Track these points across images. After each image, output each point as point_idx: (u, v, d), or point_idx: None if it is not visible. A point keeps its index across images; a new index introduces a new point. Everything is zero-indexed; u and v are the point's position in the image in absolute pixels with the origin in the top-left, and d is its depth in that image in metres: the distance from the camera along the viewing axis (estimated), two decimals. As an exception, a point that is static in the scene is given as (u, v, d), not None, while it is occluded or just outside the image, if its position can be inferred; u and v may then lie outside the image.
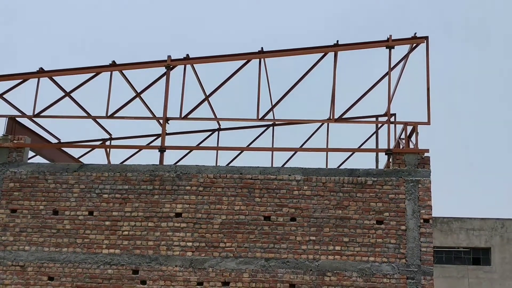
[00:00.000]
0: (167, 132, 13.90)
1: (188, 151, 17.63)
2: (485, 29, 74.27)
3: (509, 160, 64.92)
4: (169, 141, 17.15)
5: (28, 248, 12.06)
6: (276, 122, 16.92)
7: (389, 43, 12.91)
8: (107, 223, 12.02)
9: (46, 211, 12.21)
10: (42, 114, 13.64)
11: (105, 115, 13.57)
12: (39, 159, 15.17)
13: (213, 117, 15.70)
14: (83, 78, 13.69)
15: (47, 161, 15.26)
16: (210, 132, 18.25)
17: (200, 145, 17.81)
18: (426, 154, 11.94)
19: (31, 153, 14.16)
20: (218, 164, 16.66)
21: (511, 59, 72.97)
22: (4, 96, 14.13)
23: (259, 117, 13.28)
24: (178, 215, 11.93)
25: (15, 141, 12.83)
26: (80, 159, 17.28)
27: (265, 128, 17.89)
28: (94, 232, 11.99)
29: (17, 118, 14.13)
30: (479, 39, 74.42)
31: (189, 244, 11.75)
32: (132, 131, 17.94)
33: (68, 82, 14.19)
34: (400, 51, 13.40)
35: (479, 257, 33.66)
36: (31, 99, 13.59)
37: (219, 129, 18.28)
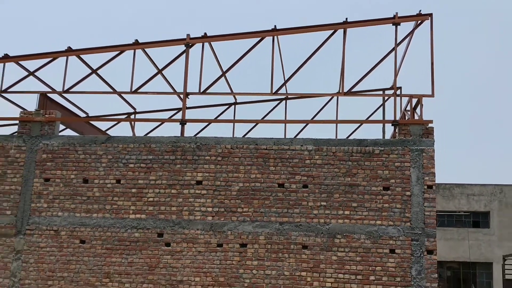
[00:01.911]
0: (187, 106, 13.93)
1: (207, 123, 17.68)
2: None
3: (507, 131, 64.34)
4: (189, 114, 17.24)
5: (61, 214, 12.20)
6: (289, 96, 16.89)
7: (395, 20, 12.77)
8: (133, 190, 12.12)
9: (77, 179, 12.31)
10: (71, 90, 13.69)
11: (129, 90, 13.59)
12: (69, 132, 15.32)
13: (230, 91, 15.70)
14: (108, 56, 13.71)
15: (77, 134, 15.40)
16: (227, 106, 18.26)
17: (218, 118, 17.84)
18: (430, 125, 11.87)
19: (61, 127, 14.28)
20: (235, 136, 16.65)
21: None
22: (35, 73, 14.21)
23: (273, 92, 13.25)
24: (199, 182, 11.99)
25: (46, 116, 12.86)
26: (107, 132, 17.40)
27: (278, 101, 17.87)
28: (122, 199, 12.09)
29: (48, 94, 14.21)
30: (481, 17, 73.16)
31: (209, 209, 11.84)
32: (155, 106, 18.03)
33: (94, 60, 14.24)
34: (406, 28, 13.29)
35: (478, 220, 33.67)
36: (60, 76, 13.65)
37: (235, 103, 18.28)
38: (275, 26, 13.06)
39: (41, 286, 11.86)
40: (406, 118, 13.24)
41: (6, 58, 13.77)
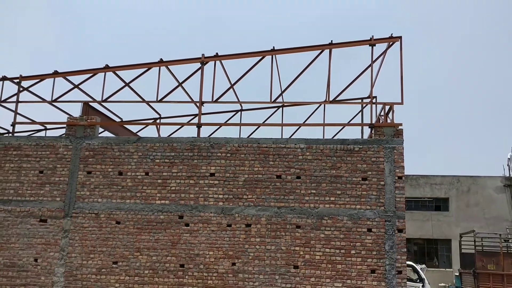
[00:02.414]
0: (203, 112, 13.96)
1: (218, 126, 17.66)
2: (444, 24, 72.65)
3: (463, 131, 64.21)
4: (204, 119, 17.29)
5: (101, 200, 12.22)
6: (285, 104, 16.88)
7: (371, 42, 12.76)
8: (159, 181, 12.12)
9: (113, 172, 12.33)
10: (108, 100, 13.71)
11: (155, 99, 13.61)
12: (106, 134, 15.35)
13: (237, 100, 15.70)
14: (138, 72, 13.74)
15: (113, 135, 15.43)
16: (235, 112, 18.25)
17: (228, 122, 17.84)
18: (400, 127, 11.86)
19: (100, 129, 14.31)
20: (241, 136, 16.73)
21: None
22: (79, 86, 14.24)
23: (272, 100, 13.25)
24: (212, 174, 12.00)
25: (88, 121, 12.88)
26: (137, 133, 17.42)
27: (276, 108, 17.85)
28: (150, 188, 12.10)
29: (89, 103, 14.25)
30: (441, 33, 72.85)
31: (220, 196, 11.84)
32: (176, 112, 18.03)
33: (127, 74, 14.27)
34: (380, 48, 13.28)
35: (440, 205, 33.59)
36: (99, 88, 13.69)
37: (241, 110, 18.28)
38: (273, 47, 13.09)
39: (84, 258, 11.89)
40: (381, 121, 13.24)
41: (56, 74, 13.80)
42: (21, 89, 14.04)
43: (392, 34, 12.72)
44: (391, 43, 12.92)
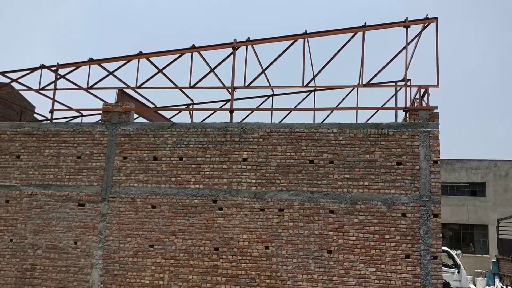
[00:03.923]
0: (235, 98, 13.97)
1: (250, 112, 17.71)
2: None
3: (501, 116, 62.24)
4: (236, 104, 17.33)
5: (136, 185, 12.43)
6: (317, 88, 16.72)
7: (406, 23, 12.46)
8: (193, 166, 12.24)
9: (148, 157, 12.50)
10: (142, 86, 13.88)
11: (188, 85, 13.70)
12: (141, 120, 15.59)
13: (269, 85, 15.65)
14: (171, 58, 13.84)
15: (147, 121, 15.66)
16: (267, 97, 18.23)
17: (259, 107, 17.84)
18: (435, 111, 11.58)
19: (135, 115, 14.52)
20: (273, 121, 16.69)
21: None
22: (114, 73, 14.47)
23: (304, 84, 13.14)
24: (245, 159, 12.03)
25: (123, 107, 13.05)
26: (171, 119, 17.63)
27: (308, 93, 17.73)
28: (184, 173, 12.22)
29: (124, 90, 14.47)
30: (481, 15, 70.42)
31: (253, 181, 11.87)
32: (209, 98, 18.17)
33: (160, 61, 14.40)
34: (414, 29, 12.96)
35: (476, 189, 32.90)
36: (134, 74, 13.87)
37: (273, 95, 18.24)
38: (305, 30, 12.94)
39: (121, 241, 12.18)
40: (415, 105, 12.96)
41: (91, 61, 14.05)
42: (58, 76, 14.38)
43: (427, 15, 12.37)
44: (426, 24, 12.57)
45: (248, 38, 13.19)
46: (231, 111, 12.87)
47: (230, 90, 13.50)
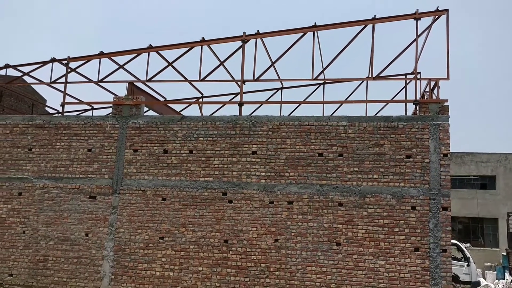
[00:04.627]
0: (244, 91, 13.98)
1: (260, 105, 17.72)
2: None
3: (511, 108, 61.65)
4: (246, 97, 17.36)
5: (147, 177, 12.51)
6: (327, 81, 16.69)
7: (416, 16, 12.37)
8: (202, 158, 12.29)
9: (159, 150, 12.56)
10: (152, 79, 13.94)
11: (198, 79, 13.74)
12: (151, 113, 15.67)
13: (278, 78, 15.64)
14: (180, 51, 13.86)
15: (158, 114, 15.73)
16: (276, 90, 18.22)
17: (269, 100, 17.84)
18: (445, 103, 11.51)
19: (145, 109, 14.59)
20: (282, 114, 16.68)
21: None
22: (124, 66, 14.53)
23: (313, 77, 13.13)
24: (254, 152, 12.05)
25: (134, 100, 13.13)
26: (181, 112, 17.70)
27: (317, 85, 17.70)
28: (194, 165, 12.26)
29: (134, 83, 14.54)
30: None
31: (263, 173, 11.91)
32: (218, 91, 18.21)
33: (170, 54, 14.43)
34: (425, 22, 12.86)
35: (486, 183, 32.70)
36: (144, 68, 13.93)
37: (282, 88, 18.22)
38: (315, 23, 12.90)
39: (132, 233, 12.30)
40: (425, 98, 12.90)
41: (101, 54, 14.13)
42: (69, 70, 14.48)
43: (438, 7, 12.27)
44: (436, 16, 12.48)
45: (258, 31, 13.18)
46: (241, 104, 12.89)
47: (239, 83, 13.51)
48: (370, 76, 13.22)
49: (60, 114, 16.22)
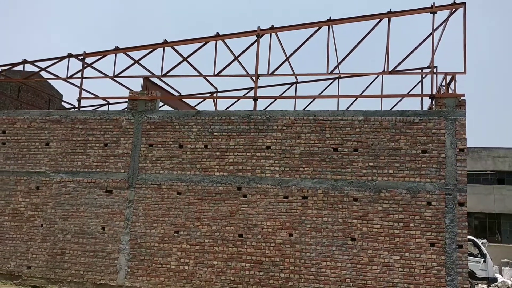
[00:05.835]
0: (259, 85, 13.98)
1: (274, 99, 17.71)
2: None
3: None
4: (260, 92, 17.36)
5: (162, 172, 12.61)
6: (341, 75, 16.60)
7: (433, 9, 12.22)
8: (217, 153, 12.34)
9: (174, 145, 12.65)
10: (167, 75, 14.00)
11: (212, 74, 13.77)
12: (166, 108, 15.76)
13: (292, 73, 15.61)
14: (195, 46, 13.90)
15: (173, 109, 15.82)
16: (290, 85, 18.19)
17: (283, 94, 17.81)
18: (462, 98, 11.38)
19: (160, 103, 14.67)
20: (297, 109, 16.65)
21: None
22: (140, 61, 14.62)
23: (328, 72, 13.07)
24: (268, 147, 12.06)
25: (149, 95, 13.19)
26: (196, 107, 17.77)
27: (332, 80, 17.62)
28: (209, 160, 12.32)
29: (150, 78, 14.63)
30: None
31: (277, 168, 11.91)
32: (233, 85, 18.22)
33: (184, 49, 14.48)
34: (441, 15, 12.71)
35: (503, 178, 32.29)
36: (159, 63, 14.00)
37: (297, 82, 18.18)
38: (330, 17, 12.82)
39: (148, 227, 12.41)
40: (442, 92, 12.76)
41: (117, 49, 14.23)
42: (85, 65, 14.61)
43: (454, 0, 12.10)
44: (453, 10, 12.31)
45: (272, 25, 13.15)
46: (255, 99, 12.90)
47: (254, 78, 13.51)
48: (385, 70, 13.13)
49: (76, 109, 16.42)
